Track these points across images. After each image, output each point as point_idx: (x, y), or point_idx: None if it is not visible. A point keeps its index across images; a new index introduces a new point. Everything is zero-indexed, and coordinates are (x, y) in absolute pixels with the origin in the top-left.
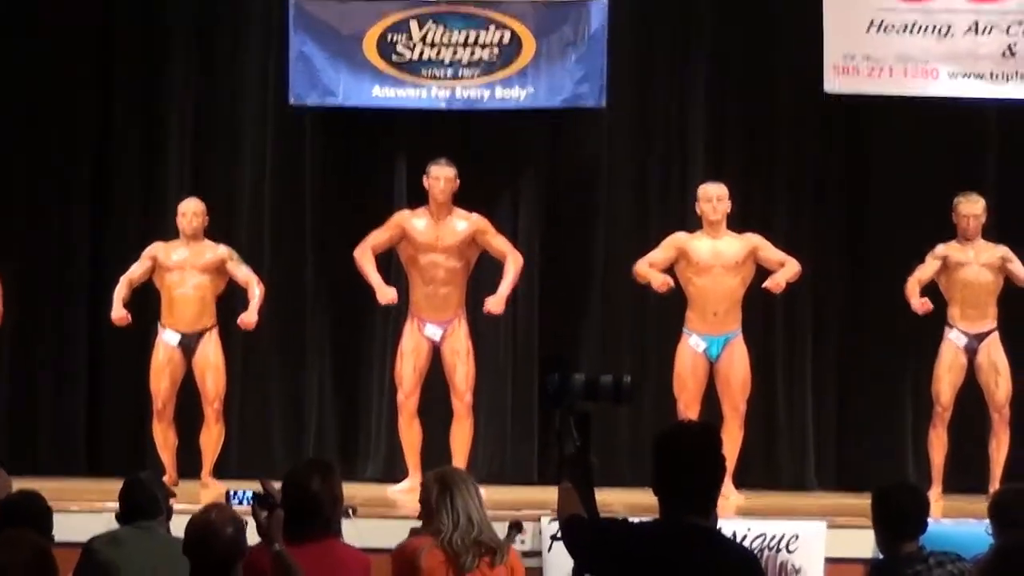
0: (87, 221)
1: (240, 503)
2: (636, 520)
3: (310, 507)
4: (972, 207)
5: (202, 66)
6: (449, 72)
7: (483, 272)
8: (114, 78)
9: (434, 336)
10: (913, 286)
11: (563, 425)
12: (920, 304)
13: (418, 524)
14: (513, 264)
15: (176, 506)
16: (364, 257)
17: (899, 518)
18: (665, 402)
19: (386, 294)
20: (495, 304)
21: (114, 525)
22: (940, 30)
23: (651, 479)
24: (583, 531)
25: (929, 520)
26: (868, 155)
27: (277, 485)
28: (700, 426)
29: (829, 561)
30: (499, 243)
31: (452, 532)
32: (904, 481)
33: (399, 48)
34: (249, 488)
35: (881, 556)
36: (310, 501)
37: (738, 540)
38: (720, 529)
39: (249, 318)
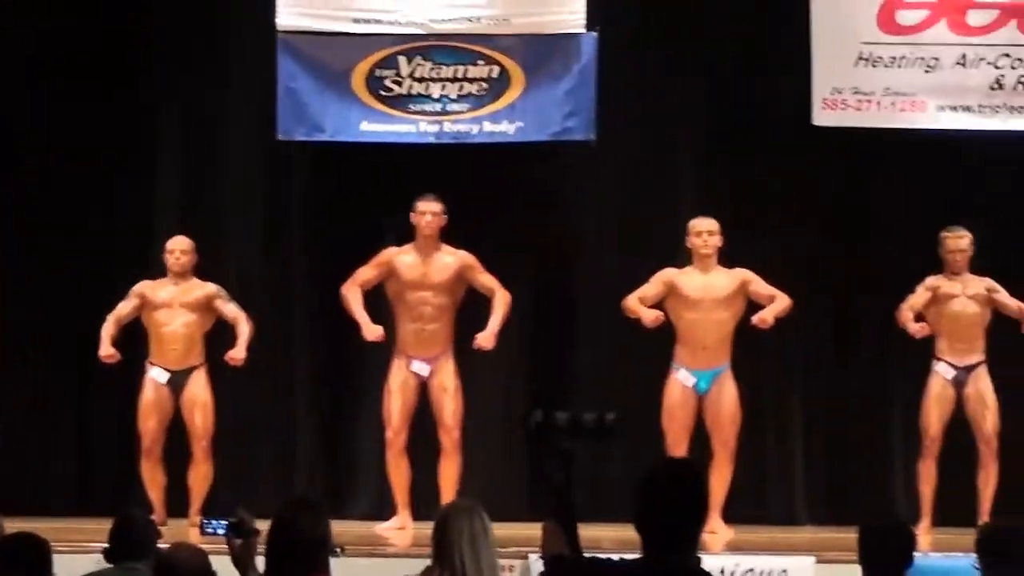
0: (74, 260)
1: (215, 533)
2: (619, 558)
3: (296, 546)
4: (958, 242)
5: (188, 103)
6: (438, 107)
7: (472, 308)
8: (100, 109)
9: (421, 372)
10: (907, 313)
11: (547, 463)
12: (919, 328)
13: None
14: (502, 300)
15: (163, 545)
16: (351, 294)
17: (883, 557)
18: (656, 437)
19: (372, 331)
20: (485, 340)
21: (102, 564)
22: (928, 63)
23: (633, 518)
24: (566, 571)
25: (917, 554)
26: (858, 188)
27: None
28: (680, 464)
29: None
30: (486, 280)
31: None
32: (889, 519)
33: (387, 83)
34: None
35: None
36: (297, 539)
37: None
38: (703, 568)
39: (237, 355)
